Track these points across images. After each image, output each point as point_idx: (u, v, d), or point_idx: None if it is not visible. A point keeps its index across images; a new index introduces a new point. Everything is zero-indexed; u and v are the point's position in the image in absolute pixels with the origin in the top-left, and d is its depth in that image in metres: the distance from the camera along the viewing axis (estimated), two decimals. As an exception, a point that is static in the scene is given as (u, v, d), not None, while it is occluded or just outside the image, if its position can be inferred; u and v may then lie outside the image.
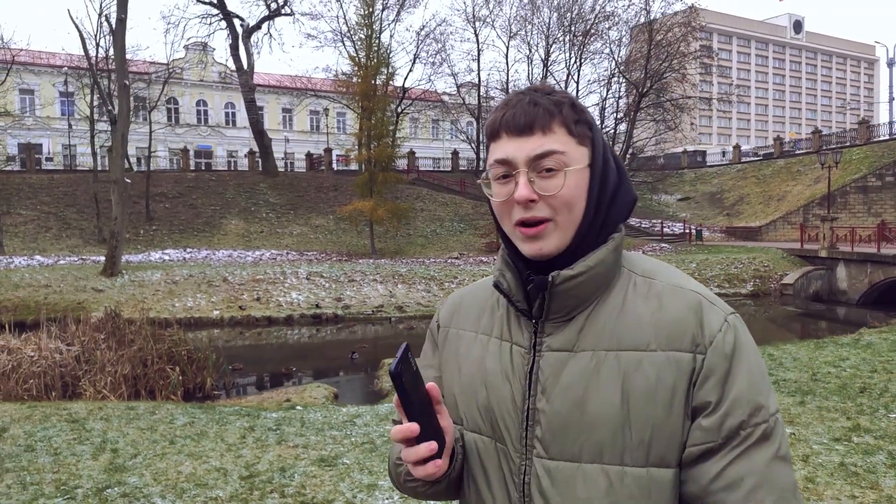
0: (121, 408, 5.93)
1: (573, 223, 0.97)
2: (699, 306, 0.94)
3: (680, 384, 0.92)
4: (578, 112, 0.98)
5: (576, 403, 0.95)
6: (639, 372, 0.93)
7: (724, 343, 0.91)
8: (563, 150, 0.95)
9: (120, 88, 21.51)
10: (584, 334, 0.97)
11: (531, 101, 0.98)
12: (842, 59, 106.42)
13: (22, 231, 28.38)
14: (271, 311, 19.79)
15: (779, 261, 24.76)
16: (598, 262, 0.97)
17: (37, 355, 10.76)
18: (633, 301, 0.97)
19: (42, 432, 4.88)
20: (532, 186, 0.95)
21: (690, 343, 0.92)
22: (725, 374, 0.91)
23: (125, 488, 3.68)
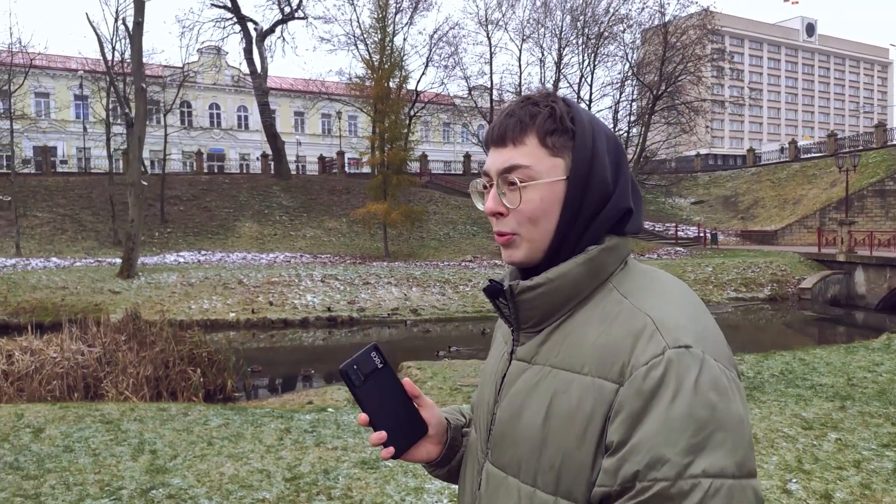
0: (152, 409, 5.91)
1: (541, 236, 0.95)
2: (640, 332, 0.85)
3: (597, 415, 0.84)
4: (557, 121, 0.94)
5: (513, 414, 0.95)
6: (566, 394, 0.88)
7: (644, 377, 0.81)
8: (528, 164, 0.93)
9: (137, 91, 21.62)
10: (543, 348, 0.95)
11: (509, 112, 0.97)
12: (855, 62, 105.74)
13: (38, 233, 28.58)
14: (287, 314, 19.81)
15: (796, 265, 24.57)
16: (558, 276, 0.93)
17: (59, 356, 10.80)
18: (592, 319, 0.92)
19: (78, 433, 4.86)
20: (502, 199, 0.95)
21: (618, 372, 0.84)
22: (636, 413, 0.80)
23: (170, 489, 3.65)
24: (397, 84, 29.26)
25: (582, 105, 1.11)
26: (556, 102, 0.96)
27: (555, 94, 0.99)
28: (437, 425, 1.09)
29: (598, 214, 0.95)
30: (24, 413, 5.63)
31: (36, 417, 5.37)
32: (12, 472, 4.00)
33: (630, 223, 0.98)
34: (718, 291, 22.69)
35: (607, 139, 0.97)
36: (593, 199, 0.94)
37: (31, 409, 5.86)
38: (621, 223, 0.97)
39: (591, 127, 0.95)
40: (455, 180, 39.13)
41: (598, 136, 0.95)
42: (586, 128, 0.95)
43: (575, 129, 0.94)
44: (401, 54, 30.36)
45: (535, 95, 0.98)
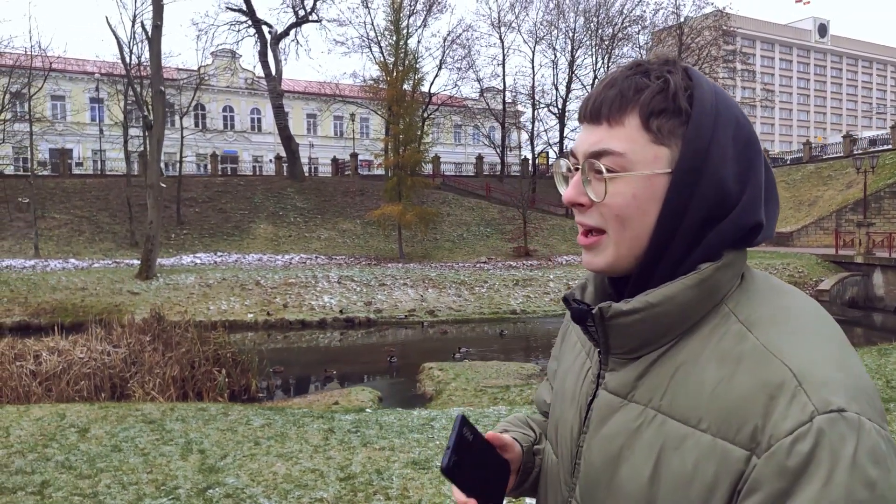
0: (192, 409, 5.96)
1: (634, 241, 0.78)
2: (779, 388, 0.68)
3: (721, 484, 0.69)
4: (670, 98, 0.75)
5: (610, 461, 0.79)
6: (678, 451, 0.72)
7: (788, 452, 0.65)
8: (622, 151, 0.76)
9: (156, 94, 21.77)
10: (643, 382, 0.79)
11: (611, 81, 0.79)
12: (867, 63, 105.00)
13: (56, 234, 28.83)
14: (304, 315, 19.89)
15: (813, 266, 24.43)
16: (663, 300, 0.76)
17: (87, 357, 10.89)
18: (709, 358, 0.74)
19: (123, 433, 4.91)
20: (586, 188, 0.79)
21: (749, 437, 0.68)
22: (779, 495, 0.65)
23: (226, 489, 3.68)
24: (412, 86, 29.35)
25: None
26: (672, 73, 0.77)
27: (675, 61, 0.79)
28: (517, 460, 0.97)
29: (712, 222, 0.77)
30: (66, 413, 5.69)
31: (78, 417, 5.43)
32: (65, 472, 4.05)
33: (761, 235, 0.80)
34: (736, 293, 22.60)
35: (736, 127, 0.77)
36: (704, 202, 0.76)
37: (72, 409, 5.92)
38: (748, 237, 0.79)
39: (714, 110, 0.76)
40: (468, 182, 39.15)
41: (721, 124, 0.76)
42: (707, 111, 0.76)
43: (692, 111, 0.76)
44: (415, 56, 30.46)
45: (648, 62, 0.80)
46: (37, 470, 4.09)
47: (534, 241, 30.15)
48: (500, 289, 22.44)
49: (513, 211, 33.38)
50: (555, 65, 37.43)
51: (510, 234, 31.26)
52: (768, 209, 0.81)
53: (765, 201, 0.80)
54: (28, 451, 4.52)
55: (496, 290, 22.39)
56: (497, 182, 38.81)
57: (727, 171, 0.76)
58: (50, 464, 4.22)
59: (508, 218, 33.23)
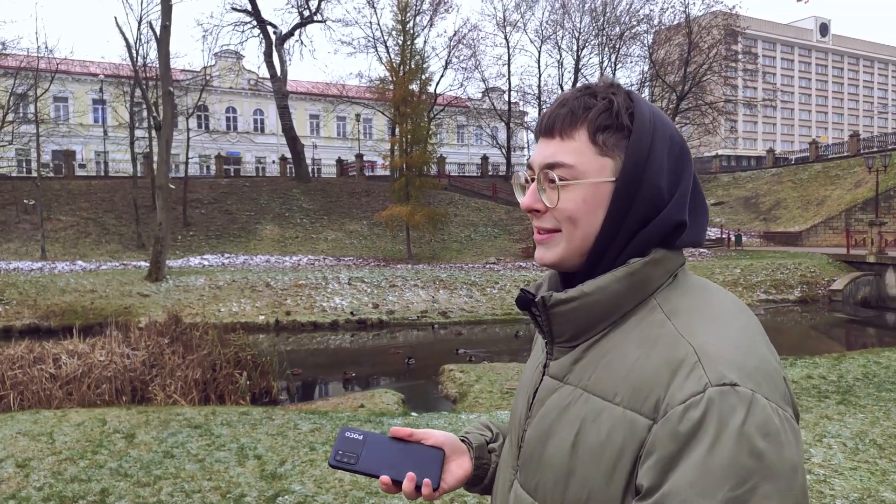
0: (234, 412, 5.84)
1: (582, 238, 0.87)
2: (680, 363, 0.75)
3: (627, 451, 0.76)
4: (614, 116, 0.85)
5: (541, 436, 0.88)
6: (595, 423, 0.80)
7: (681, 418, 0.71)
8: (573, 163, 0.85)
9: (164, 95, 21.66)
10: (577, 366, 0.87)
11: (562, 101, 0.89)
12: (869, 62, 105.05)
13: (62, 236, 28.69)
14: (316, 317, 19.78)
15: (825, 266, 24.34)
16: (595, 290, 0.85)
17: (107, 360, 10.77)
18: (631, 341, 0.83)
19: (171, 438, 4.79)
20: (541, 196, 0.88)
21: (653, 407, 0.75)
22: (670, 457, 0.71)
23: (295, 497, 3.57)
24: (419, 86, 29.25)
25: None
26: (616, 95, 0.87)
27: (618, 85, 0.89)
28: (450, 444, 1.04)
29: (646, 224, 0.85)
30: (105, 417, 5.57)
31: (120, 422, 5.31)
32: (122, 479, 3.94)
33: (683, 237, 0.88)
34: (748, 293, 22.49)
35: (670, 143, 0.87)
36: (642, 206, 0.85)
37: (111, 414, 5.80)
38: (672, 236, 0.87)
39: (651, 126, 0.86)
40: (473, 182, 39.06)
41: (658, 139, 0.85)
42: (646, 127, 0.85)
43: (632, 127, 0.85)
44: (422, 57, 30.36)
45: (595, 85, 0.89)
46: (92, 477, 3.98)
47: (542, 242, 30.02)
48: (512, 290, 22.33)
49: (520, 211, 33.27)
50: (560, 64, 37.40)
51: (518, 234, 31.17)
52: (697, 217, 0.90)
53: (693, 210, 0.89)
54: (78, 457, 4.40)
55: (507, 291, 22.28)
56: (503, 182, 38.73)
57: (662, 180, 0.85)
58: (104, 471, 4.11)
59: (516, 218, 33.12)
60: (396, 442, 1.01)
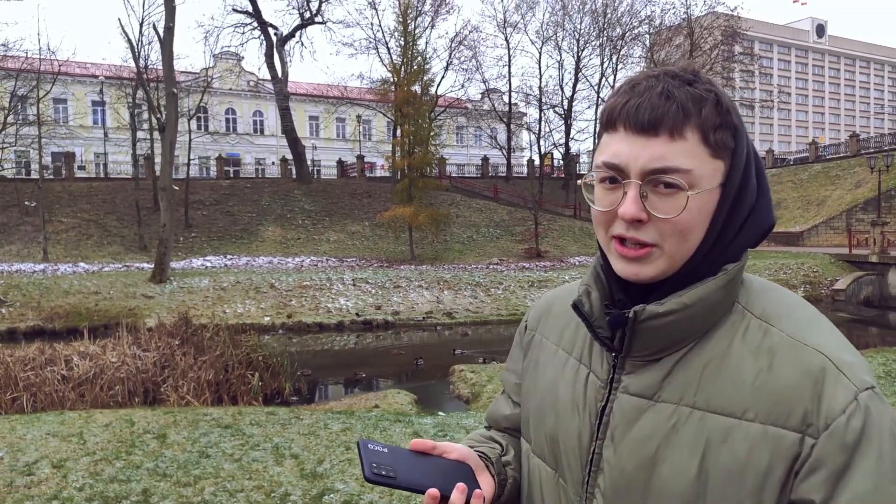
0: (261, 413, 5.83)
1: (685, 251, 0.79)
2: (822, 374, 0.74)
3: (776, 469, 0.73)
4: (723, 113, 0.78)
5: (645, 464, 0.79)
6: (726, 444, 0.75)
7: (846, 429, 0.71)
8: (690, 168, 0.76)
9: (168, 96, 21.64)
10: (669, 382, 0.80)
11: (664, 91, 0.77)
12: (865, 63, 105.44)
13: (64, 238, 28.61)
14: (321, 318, 19.76)
15: (827, 266, 24.42)
16: (696, 301, 0.78)
17: (119, 361, 10.74)
18: (739, 352, 0.78)
19: (203, 438, 4.78)
20: (643, 203, 0.77)
21: (800, 420, 0.73)
22: (841, 468, 0.70)
23: (341, 496, 3.56)
24: (422, 87, 29.25)
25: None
26: (714, 87, 0.79)
27: (698, 72, 0.81)
28: (472, 459, 0.96)
29: (742, 228, 0.81)
30: (131, 417, 5.56)
31: (148, 423, 5.29)
32: (162, 479, 3.93)
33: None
34: (752, 293, 22.57)
35: (747, 139, 0.82)
36: (743, 211, 0.80)
37: (137, 415, 5.79)
38: (762, 238, 0.85)
39: (741, 122, 0.81)
40: (475, 183, 39.09)
41: (745, 137, 0.81)
42: (742, 125, 0.81)
43: (738, 125, 0.80)
44: (424, 58, 30.37)
45: (682, 72, 0.80)
46: (131, 478, 3.96)
47: (544, 243, 30.08)
48: (517, 290, 22.35)
49: (521, 212, 33.29)
50: (560, 65, 37.44)
51: (520, 235, 31.18)
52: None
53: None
54: (113, 458, 4.39)
55: (512, 291, 22.30)
56: (503, 183, 38.75)
57: (754, 180, 0.81)
58: (141, 471, 4.09)
59: (517, 219, 33.14)
60: (420, 455, 0.93)
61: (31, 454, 4.49)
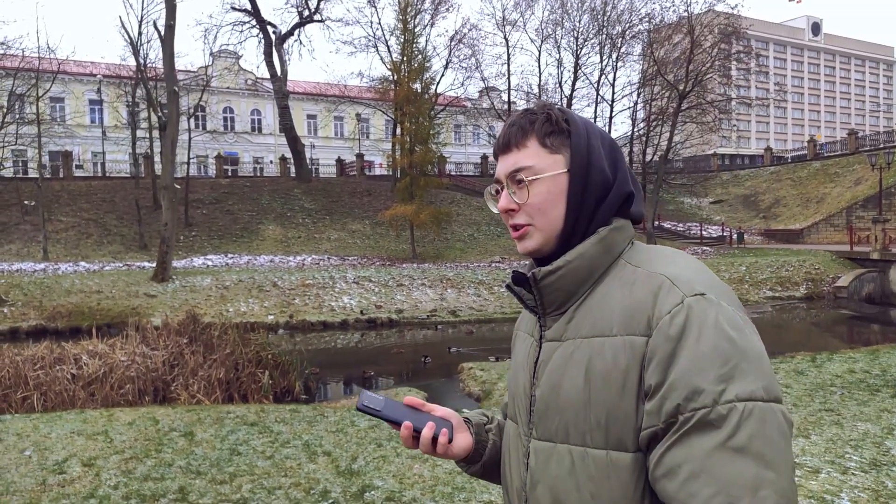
0: (284, 411, 5.78)
1: (552, 224, 1.04)
2: (659, 288, 0.95)
3: (632, 367, 0.92)
4: (553, 123, 1.05)
5: (553, 387, 1.01)
6: (600, 356, 0.96)
7: (670, 324, 0.90)
8: (531, 164, 1.04)
9: (169, 94, 21.53)
10: (571, 324, 1.02)
11: (511, 122, 1.09)
12: (860, 61, 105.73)
13: (63, 237, 28.46)
14: (325, 316, 19.71)
15: (829, 263, 24.46)
16: (576, 256, 1.02)
17: (129, 360, 10.68)
18: (613, 289, 1.00)
19: (232, 436, 4.73)
20: (512, 198, 1.06)
21: (646, 326, 0.93)
22: (667, 356, 0.89)
23: (380, 492, 3.52)
24: (423, 86, 29.18)
25: (604, 105, 1.20)
26: (551, 109, 1.07)
27: (550, 103, 1.10)
28: (456, 419, 1.19)
29: (602, 201, 1.04)
30: (155, 415, 5.50)
31: (172, 421, 5.24)
32: (196, 477, 3.88)
33: (633, 206, 1.08)
34: (755, 291, 22.58)
35: (601, 136, 1.08)
36: (595, 186, 1.04)
37: (159, 413, 5.73)
38: (625, 207, 1.07)
39: (584, 126, 1.07)
40: (474, 181, 39.06)
41: (592, 134, 1.06)
42: (580, 126, 1.06)
43: (570, 128, 1.05)
44: (425, 56, 30.29)
45: (533, 107, 1.09)
46: (165, 476, 3.92)
47: (545, 241, 30.03)
48: (520, 288, 22.33)
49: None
50: (559, 63, 37.38)
51: (521, 233, 31.18)
52: (637, 194, 1.09)
53: (631, 183, 1.08)
54: (143, 455, 4.34)
55: (503, 287, 22.28)
56: (503, 182, 38.66)
57: (604, 163, 1.06)
58: (174, 469, 4.05)
59: (518, 217, 33.10)
60: (411, 408, 1.14)
61: (58, 452, 4.44)
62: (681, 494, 0.85)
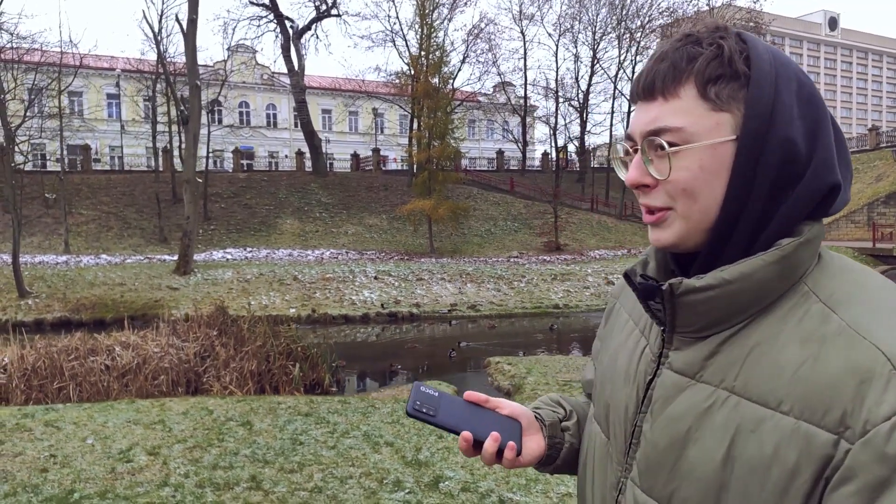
0: (334, 402, 5.81)
1: (703, 213, 0.75)
2: (871, 372, 0.64)
3: (804, 471, 0.65)
4: (725, 64, 0.73)
5: (675, 442, 0.76)
6: (755, 434, 0.69)
7: (887, 438, 0.61)
8: (681, 125, 0.74)
9: (191, 88, 21.64)
10: (712, 362, 0.75)
11: (661, 55, 0.77)
12: (878, 57, 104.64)
13: (84, 230, 28.70)
14: (346, 310, 19.77)
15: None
16: (738, 277, 0.72)
17: (162, 352, 10.77)
18: (789, 338, 0.70)
19: (289, 426, 4.76)
20: (648, 168, 0.77)
21: (837, 420, 0.64)
22: (879, 484, 0.61)
23: (454, 482, 3.53)
24: (442, 80, 29.16)
25: (622, 99, 0.90)
26: (725, 39, 0.75)
27: (727, 27, 0.76)
28: (526, 418, 0.97)
29: (785, 189, 0.73)
30: (207, 406, 5.54)
31: (226, 411, 5.27)
32: (264, 466, 3.91)
33: (838, 200, 0.75)
34: (776, 287, 22.48)
35: (798, 86, 0.74)
36: (774, 166, 0.72)
37: (209, 403, 5.78)
38: (824, 204, 0.74)
39: (773, 69, 0.73)
40: (490, 176, 39.02)
41: (782, 84, 0.73)
42: (766, 71, 0.73)
43: (750, 73, 0.73)
44: (444, 51, 30.26)
45: (698, 31, 0.77)
46: (234, 464, 3.95)
47: (563, 236, 30.00)
48: (539, 283, 22.30)
49: (539, 205, 33.19)
50: (576, 58, 37.22)
51: (538, 228, 31.11)
52: (843, 172, 0.76)
53: (842, 169, 0.75)
54: (205, 445, 4.37)
55: (535, 284, 22.25)
56: (518, 176, 38.65)
57: (795, 131, 0.72)
58: (240, 458, 4.07)
59: (535, 212, 33.06)
60: (472, 406, 0.96)
61: (120, 441, 4.48)
62: None
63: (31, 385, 9.80)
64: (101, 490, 3.52)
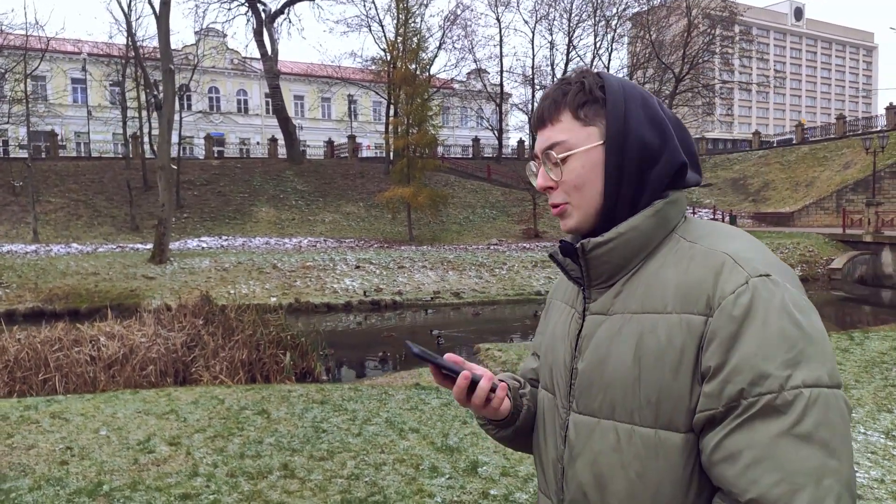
0: (346, 389, 5.74)
1: (589, 201, 1.01)
2: (721, 267, 0.91)
3: (689, 347, 0.89)
4: (587, 92, 1.01)
5: (598, 362, 0.99)
6: (652, 333, 0.92)
7: (734, 305, 0.87)
8: (564, 139, 1.01)
9: (165, 73, 21.11)
10: (618, 298, 0.99)
11: (545, 94, 1.06)
12: (841, 47, 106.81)
13: (53, 219, 27.92)
14: (328, 298, 19.61)
15: (822, 246, 24.84)
16: (629, 229, 0.98)
17: (149, 342, 10.54)
18: (667, 265, 0.96)
19: (307, 414, 4.67)
20: (549, 175, 1.03)
21: (704, 305, 0.89)
22: (730, 337, 0.86)
23: (491, 468, 3.50)
24: (420, 66, 28.91)
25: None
26: (586, 77, 1.02)
27: (588, 70, 1.05)
28: (488, 378, 1.13)
29: (649, 172, 0.99)
30: (217, 394, 5.42)
31: (238, 400, 5.17)
32: (293, 454, 3.83)
33: (688, 176, 1.03)
34: (751, 272, 22.87)
35: (643, 101, 1.01)
36: (633, 157, 0.98)
37: (220, 392, 5.65)
38: (679, 178, 1.01)
39: (622, 91, 1.00)
40: (467, 164, 38.94)
41: (630, 99, 1.00)
42: (616, 92, 1.00)
43: (605, 96, 1.00)
44: (422, 36, 29.99)
45: (569, 76, 1.05)
46: (262, 453, 3.86)
47: (541, 223, 30.15)
48: (521, 270, 22.39)
49: (516, 193, 33.26)
50: (552, 45, 37.26)
51: (516, 215, 31.19)
52: (690, 156, 1.04)
53: (688, 156, 1.03)
54: (227, 434, 4.27)
55: (516, 271, 22.33)
56: (495, 164, 38.66)
57: (645, 131, 0.99)
58: (265, 446, 3.99)
59: (512, 200, 33.12)
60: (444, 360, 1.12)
61: (135, 432, 4.36)
62: (741, 480, 0.83)
63: (15, 377, 9.52)
64: (129, 482, 3.41)
